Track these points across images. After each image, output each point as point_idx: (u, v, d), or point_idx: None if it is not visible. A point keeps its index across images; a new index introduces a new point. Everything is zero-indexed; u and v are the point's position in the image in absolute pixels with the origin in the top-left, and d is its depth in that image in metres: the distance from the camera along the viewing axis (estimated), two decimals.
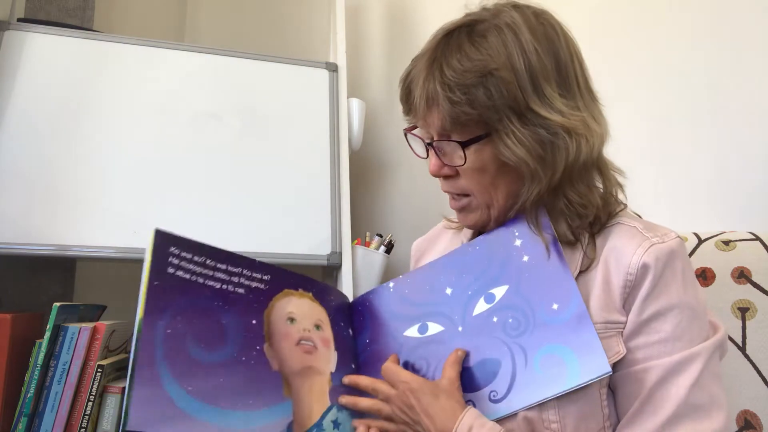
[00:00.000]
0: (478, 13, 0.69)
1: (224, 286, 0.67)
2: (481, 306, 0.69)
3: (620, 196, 0.73)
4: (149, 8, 2.02)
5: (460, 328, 0.69)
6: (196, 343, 0.62)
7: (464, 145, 0.66)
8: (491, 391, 0.65)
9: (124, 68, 1.40)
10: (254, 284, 0.70)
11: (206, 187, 1.36)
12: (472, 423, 0.61)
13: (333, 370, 0.72)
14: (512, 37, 0.65)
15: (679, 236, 0.66)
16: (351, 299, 0.83)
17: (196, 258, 0.66)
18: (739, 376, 0.84)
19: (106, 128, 1.33)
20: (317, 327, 0.73)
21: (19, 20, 1.41)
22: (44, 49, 1.34)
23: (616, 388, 0.65)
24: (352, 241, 1.44)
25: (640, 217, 0.73)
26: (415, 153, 0.76)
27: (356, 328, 0.78)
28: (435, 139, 0.69)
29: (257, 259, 0.72)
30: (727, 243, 0.90)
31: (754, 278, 0.86)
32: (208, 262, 0.67)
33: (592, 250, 0.68)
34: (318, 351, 0.71)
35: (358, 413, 0.70)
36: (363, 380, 0.70)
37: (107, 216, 1.25)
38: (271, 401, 0.64)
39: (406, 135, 0.76)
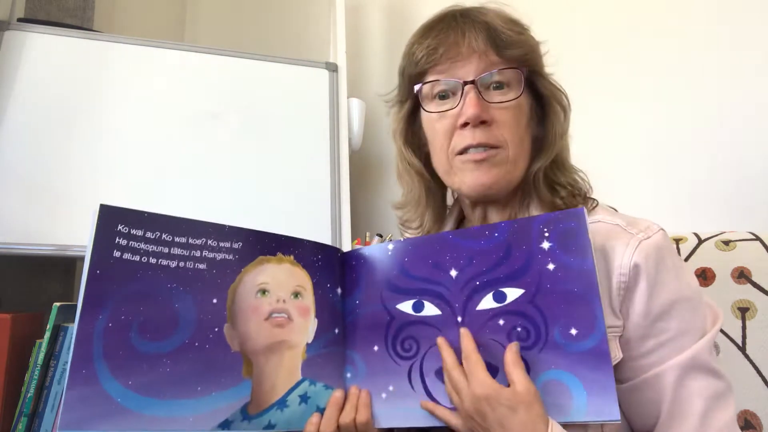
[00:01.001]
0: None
1: (182, 264, 0.62)
2: (488, 302, 0.63)
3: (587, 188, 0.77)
4: (149, 8, 2.02)
5: (459, 319, 0.64)
6: (142, 333, 0.59)
7: (522, 74, 0.70)
8: None
9: (124, 68, 1.39)
10: (220, 256, 0.65)
11: (206, 187, 1.36)
12: None
13: (310, 340, 0.68)
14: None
15: (661, 228, 0.66)
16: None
17: (149, 234, 0.61)
18: (739, 376, 0.84)
19: (105, 128, 1.33)
20: (296, 295, 0.68)
21: (19, 20, 1.41)
22: (44, 49, 1.34)
23: (631, 396, 0.63)
24: (352, 241, 1.44)
25: (615, 210, 0.73)
26: (427, 111, 0.73)
27: (347, 287, 0.73)
28: (488, 71, 0.69)
29: None
30: (727, 243, 0.90)
31: (754, 278, 0.86)
32: (163, 237, 0.62)
33: None
34: (293, 323, 0.67)
35: (332, 386, 0.68)
36: (448, 356, 0.62)
37: None
38: (225, 384, 0.62)
39: (419, 91, 0.73)
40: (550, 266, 0.61)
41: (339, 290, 0.73)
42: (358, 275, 0.72)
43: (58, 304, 0.99)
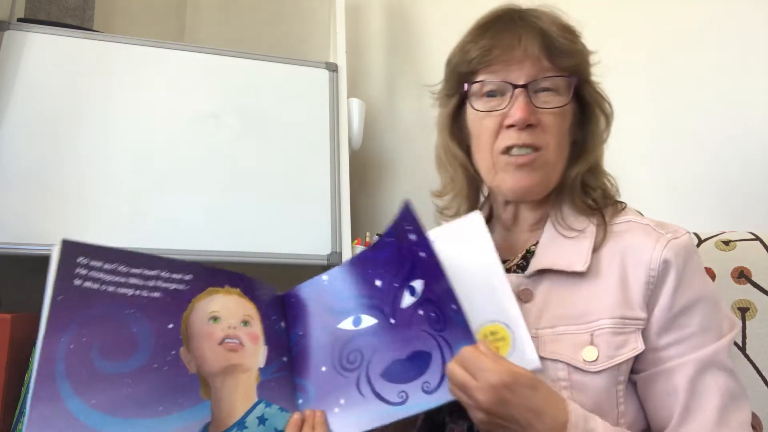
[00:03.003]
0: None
1: (138, 292, 0.67)
2: (408, 299, 0.69)
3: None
4: (149, 8, 2.03)
5: (392, 321, 0.70)
6: (103, 355, 0.62)
7: (572, 82, 0.71)
8: (424, 382, 0.64)
9: (124, 68, 1.39)
10: (173, 286, 0.69)
11: (206, 187, 1.36)
12: (582, 412, 0.58)
13: (262, 365, 0.71)
14: None
15: (688, 232, 0.69)
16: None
17: (107, 266, 0.65)
18: (739, 376, 0.84)
19: (105, 128, 1.33)
20: (245, 323, 0.72)
21: (19, 20, 1.41)
22: (44, 49, 1.34)
23: (646, 386, 0.65)
24: (352, 241, 1.44)
25: (642, 214, 0.75)
26: (475, 109, 0.74)
27: (289, 321, 0.77)
28: (540, 77, 0.71)
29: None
30: (727, 243, 0.90)
31: (754, 278, 0.86)
32: (120, 268, 0.66)
33: (602, 231, 0.70)
34: (244, 348, 0.71)
35: (287, 409, 0.70)
36: (456, 370, 0.60)
37: (107, 216, 1.25)
38: (185, 405, 0.64)
39: (469, 88, 0.74)
40: (421, 254, 0.68)
41: (282, 324, 0.77)
42: (298, 310, 0.77)
43: None
